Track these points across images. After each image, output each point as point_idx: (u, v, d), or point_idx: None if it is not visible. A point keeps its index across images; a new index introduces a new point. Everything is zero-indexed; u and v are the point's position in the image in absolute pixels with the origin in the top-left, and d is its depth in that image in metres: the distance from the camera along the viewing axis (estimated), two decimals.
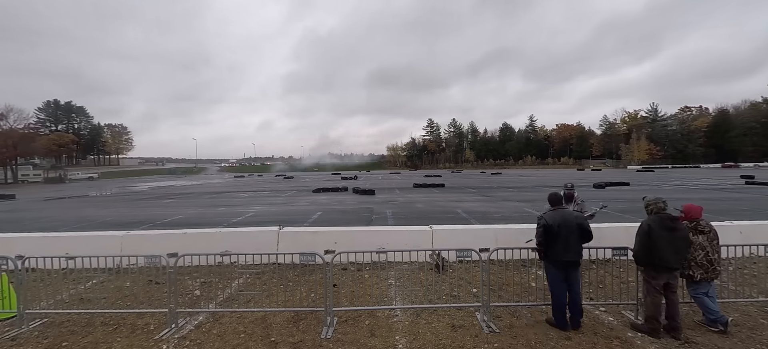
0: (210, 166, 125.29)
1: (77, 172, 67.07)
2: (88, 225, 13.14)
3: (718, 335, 3.90)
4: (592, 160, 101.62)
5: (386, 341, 3.92)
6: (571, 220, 4.00)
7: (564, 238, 3.95)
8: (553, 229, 3.97)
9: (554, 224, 3.97)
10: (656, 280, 3.88)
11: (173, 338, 4.07)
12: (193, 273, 6.25)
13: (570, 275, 4.04)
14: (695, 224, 4.05)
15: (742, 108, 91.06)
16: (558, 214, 4.06)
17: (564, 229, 3.94)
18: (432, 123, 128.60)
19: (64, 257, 4.85)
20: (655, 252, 3.80)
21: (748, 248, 5.07)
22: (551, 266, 4.10)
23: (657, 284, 3.88)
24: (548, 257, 4.09)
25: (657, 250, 3.79)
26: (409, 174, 66.07)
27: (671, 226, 3.81)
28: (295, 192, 26.78)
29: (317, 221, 12.92)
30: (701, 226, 4.04)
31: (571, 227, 3.96)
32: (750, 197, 17.95)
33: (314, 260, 4.35)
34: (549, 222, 4.01)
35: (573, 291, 4.05)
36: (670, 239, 3.78)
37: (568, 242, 3.95)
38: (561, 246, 3.96)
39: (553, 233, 3.97)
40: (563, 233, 3.94)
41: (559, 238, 3.95)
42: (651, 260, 3.86)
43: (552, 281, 4.12)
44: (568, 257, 3.97)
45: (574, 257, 3.99)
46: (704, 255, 3.96)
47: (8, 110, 57.97)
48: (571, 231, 3.96)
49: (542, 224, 4.06)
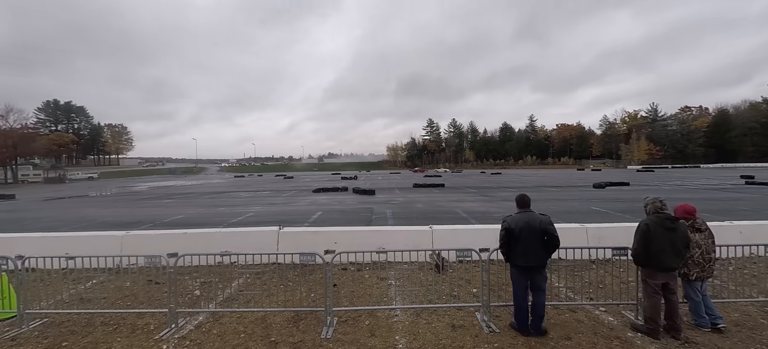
0: (210, 167, 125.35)
1: (77, 172, 67.10)
2: (88, 225, 13.14)
3: (718, 335, 3.90)
4: (592, 161, 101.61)
5: (386, 341, 3.92)
6: (535, 224, 3.87)
7: (525, 242, 3.85)
8: (514, 232, 3.89)
9: (517, 227, 3.89)
10: (655, 280, 3.86)
11: (173, 338, 4.07)
12: (193, 273, 6.25)
13: (534, 279, 3.96)
14: (692, 222, 4.06)
15: (742, 108, 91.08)
16: (522, 217, 3.96)
17: (526, 232, 3.85)
18: (432, 123, 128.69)
19: (64, 257, 4.85)
20: (655, 252, 3.78)
21: (748, 248, 5.08)
22: (514, 270, 4.03)
23: (655, 284, 3.86)
24: (511, 260, 4.03)
25: (657, 250, 3.77)
26: (409, 174, 66.07)
27: (671, 226, 3.80)
28: (295, 192, 26.77)
29: (317, 221, 12.92)
30: (698, 224, 4.06)
31: (534, 232, 3.85)
32: (750, 197, 17.95)
33: (314, 260, 4.35)
34: (511, 225, 3.93)
35: (537, 296, 3.97)
36: (670, 238, 3.77)
37: (529, 246, 3.85)
38: (522, 250, 3.87)
39: (515, 237, 3.90)
40: (525, 236, 3.85)
41: (520, 241, 3.87)
42: (650, 260, 3.84)
43: (514, 285, 4.06)
44: (529, 261, 3.87)
45: (536, 262, 3.87)
46: (701, 253, 3.97)
47: (8, 110, 58.05)
48: (534, 235, 3.85)
49: (504, 227, 3.98)
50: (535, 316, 3.98)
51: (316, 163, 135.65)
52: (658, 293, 3.87)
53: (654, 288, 3.86)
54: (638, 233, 3.91)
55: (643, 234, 3.84)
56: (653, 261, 3.82)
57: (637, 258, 3.95)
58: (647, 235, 3.81)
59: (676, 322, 3.86)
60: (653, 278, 3.86)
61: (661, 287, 3.87)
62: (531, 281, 3.99)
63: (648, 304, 3.91)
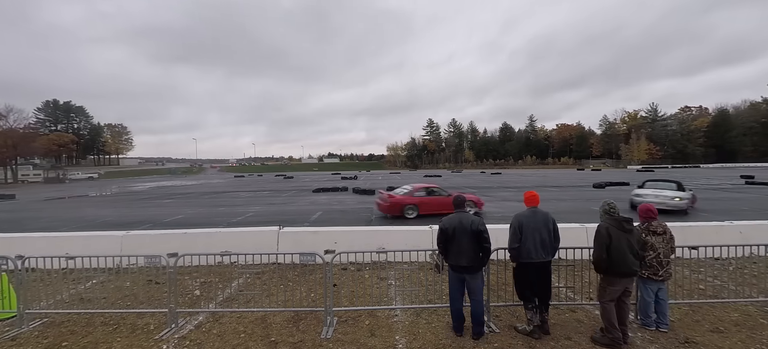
0: (210, 167, 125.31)
1: (77, 172, 67.01)
2: (88, 225, 13.13)
3: (719, 334, 3.90)
4: (592, 160, 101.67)
5: (386, 341, 3.92)
6: (466, 224, 3.81)
7: (458, 242, 3.81)
8: (448, 232, 3.86)
9: (450, 227, 3.85)
10: (615, 286, 3.69)
11: (173, 338, 4.07)
12: (193, 273, 6.25)
13: (469, 282, 3.90)
14: (647, 225, 3.99)
15: (742, 108, 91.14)
16: (456, 217, 3.91)
17: (458, 233, 3.81)
18: (432, 123, 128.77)
19: (64, 257, 4.85)
20: (617, 256, 3.61)
21: (748, 248, 5.07)
22: (450, 270, 3.99)
23: (615, 290, 3.70)
24: (447, 260, 3.98)
25: (617, 254, 3.61)
26: (409, 174, 66.05)
27: (628, 228, 3.69)
28: (295, 192, 26.76)
29: (317, 221, 12.92)
30: (653, 227, 3.97)
31: (465, 232, 3.80)
32: (750, 197, 17.95)
33: (314, 260, 4.35)
34: (445, 225, 3.90)
35: (473, 299, 3.90)
36: (628, 241, 3.66)
37: (461, 246, 3.81)
38: (455, 250, 3.84)
39: (449, 237, 3.86)
40: (457, 237, 3.81)
41: (453, 242, 3.84)
42: (612, 266, 3.64)
43: (450, 286, 4.03)
44: (460, 261, 3.82)
45: (467, 263, 3.81)
46: (655, 256, 3.90)
47: (8, 110, 57.99)
48: (466, 236, 3.80)
49: (440, 227, 3.96)
50: (473, 322, 3.92)
51: (316, 163, 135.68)
52: (614, 300, 3.72)
53: (612, 295, 3.70)
54: (598, 238, 3.70)
55: (604, 239, 3.65)
56: (615, 266, 3.63)
57: (600, 265, 3.71)
58: (608, 239, 3.63)
59: (625, 326, 3.78)
60: (613, 285, 3.69)
61: (621, 293, 3.74)
62: (467, 286, 3.93)
63: (605, 312, 3.71)
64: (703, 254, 5.04)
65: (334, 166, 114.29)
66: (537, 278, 3.92)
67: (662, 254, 3.90)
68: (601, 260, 3.68)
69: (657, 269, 3.90)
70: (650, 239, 3.93)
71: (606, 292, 3.73)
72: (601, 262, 3.69)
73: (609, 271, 3.69)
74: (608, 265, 3.66)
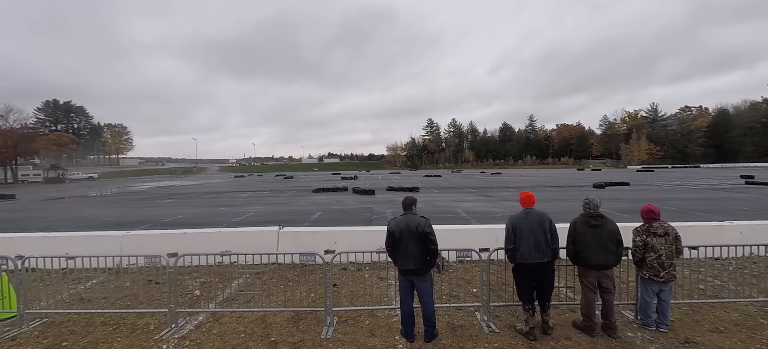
0: (210, 167, 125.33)
1: (77, 172, 66.92)
2: (88, 225, 13.13)
3: (719, 334, 3.90)
4: (592, 160, 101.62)
5: (386, 341, 3.92)
6: (412, 227, 3.76)
7: (405, 245, 3.76)
8: (395, 235, 3.80)
9: (397, 230, 3.79)
10: (587, 277, 3.96)
11: (173, 338, 4.07)
12: (193, 273, 6.26)
13: (417, 285, 3.86)
14: (647, 227, 3.98)
15: (742, 108, 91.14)
16: (403, 220, 3.85)
17: (405, 236, 3.75)
18: (432, 123, 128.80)
19: (64, 257, 4.85)
20: (581, 249, 3.90)
21: (748, 248, 5.07)
22: (399, 273, 3.95)
23: (588, 281, 3.95)
24: (395, 264, 3.94)
25: (582, 247, 3.88)
26: (409, 174, 66.05)
27: (594, 223, 3.87)
28: (295, 192, 26.76)
29: (317, 221, 12.92)
30: (654, 228, 3.93)
31: (412, 234, 3.74)
32: (750, 197, 17.95)
33: (314, 259, 4.35)
34: (392, 228, 3.84)
35: (422, 301, 3.86)
36: (596, 235, 3.84)
37: (408, 249, 3.75)
38: (402, 253, 3.78)
39: (396, 240, 3.80)
40: (405, 240, 3.76)
41: (400, 245, 3.79)
42: (578, 258, 3.97)
43: (399, 289, 4.00)
44: (408, 264, 3.77)
45: (414, 266, 3.76)
46: (656, 258, 3.89)
47: (8, 110, 57.98)
48: (412, 238, 3.74)
49: (387, 230, 3.90)
50: (425, 324, 3.89)
51: (316, 163, 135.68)
52: (592, 291, 3.95)
53: (588, 286, 3.95)
54: (568, 231, 4.06)
55: (569, 232, 4.03)
56: (580, 258, 3.94)
57: (569, 255, 4.09)
58: (574, 232, 3.96)
59: (611, 320, 3.90)
60: (585, 276, 3.98)
61: (596, 285, 3.93)
62: (416, 288, 3.89)
63: (583, 301, 4.02)
64: (703, 254, 5.03)
65: (334, 166, 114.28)
66: (535, 279, 3.92)
67: (664, 256, 3.87)
68: (568, 251, 4.07)
69: (658, 270, 3.88)
70: (650, 240, 3.92)
71: (581, 282, 4.07)
72: (568, 252, 4.08)
73: (576, 261, 4.02)
74: (575, 256, 3.99)
